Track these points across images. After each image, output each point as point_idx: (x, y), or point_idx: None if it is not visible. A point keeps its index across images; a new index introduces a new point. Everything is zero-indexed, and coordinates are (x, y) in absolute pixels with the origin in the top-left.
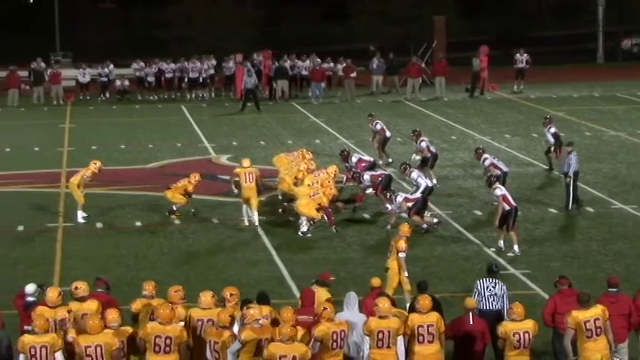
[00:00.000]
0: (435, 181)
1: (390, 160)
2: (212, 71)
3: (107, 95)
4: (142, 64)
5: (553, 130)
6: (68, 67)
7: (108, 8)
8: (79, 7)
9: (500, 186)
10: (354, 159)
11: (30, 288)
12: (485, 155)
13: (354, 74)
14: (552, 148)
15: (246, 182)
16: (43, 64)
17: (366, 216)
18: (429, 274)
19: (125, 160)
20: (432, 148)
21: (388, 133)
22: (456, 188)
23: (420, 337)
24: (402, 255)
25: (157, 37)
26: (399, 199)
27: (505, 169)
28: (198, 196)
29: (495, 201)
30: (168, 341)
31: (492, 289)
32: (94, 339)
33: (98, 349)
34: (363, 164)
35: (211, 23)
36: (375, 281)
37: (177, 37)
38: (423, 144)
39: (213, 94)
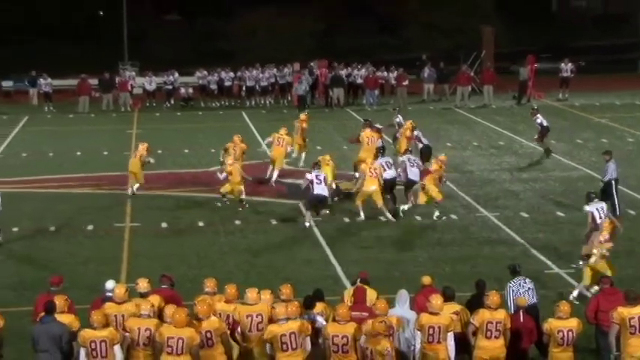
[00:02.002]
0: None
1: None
2: (272, 80)
3: (172, 102)
4: (205, 72)
5: (539, 120)
6: (135, 75)
7: (173, 20)
8: (146, 19)
9: (596, 203)
10: None
11: (109, 284)
12: (403, 158)
13: (406, 82)
14: (536, 136)
15: (276, 145)
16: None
17: (418, 218)
18: (476, 274)
19: (188, 164)
20: (424, 140)
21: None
22: (503, 191)
23: (488, 333)
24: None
25: (220, 48)
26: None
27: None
28: (257, 197)
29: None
30: (208, 335)
31: (524, 284)
32: (177, 332)
33: (180, 341)
34: None
35: (273, 35)
36: (426, 279)
37: (239, 49)
38: (415, 132)
39: (272, 101)
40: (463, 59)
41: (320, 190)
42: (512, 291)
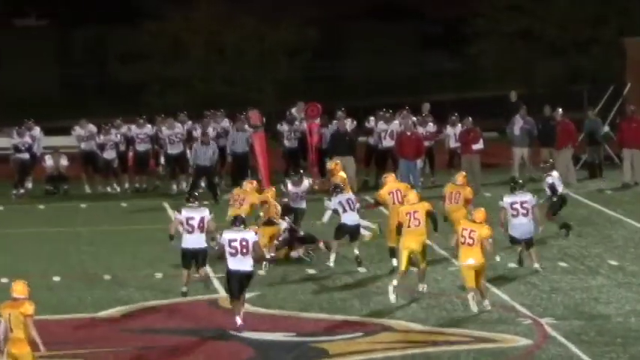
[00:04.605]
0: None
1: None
2: (222, 141)
3: (29, 185)
4: (92, 127)
5: (550, 180)
6: None
7: (30, 26)
8: None
9: None
10: None
11: None
12: None
13: (478, 145)
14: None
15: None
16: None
17: None
18: None
19: (60, 305)
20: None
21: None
22: None
23: None
24: None
25: (121, 77)
26: None
27: None
28: None
29: None
30: None
31: None
32: None
33: None
34: None
35: (221, 55)
36: None
37: (155, 79)
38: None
39: (221, 181)
40: (588, 98)
41: (190, 241)
42: None
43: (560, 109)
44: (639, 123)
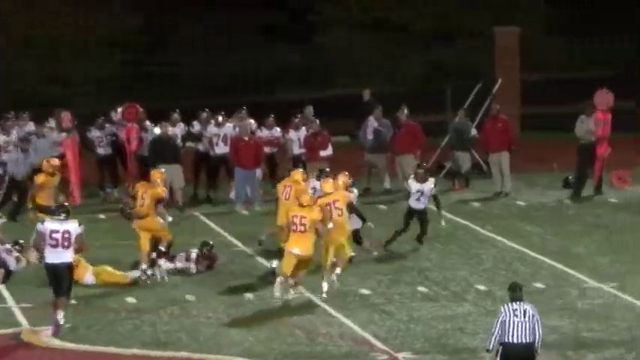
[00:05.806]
0: None
1: None
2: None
3: None
4: None
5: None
6: None
7: None
8: None
9: None
10: None
11: None
12: None
13: (326, 151)
14: None
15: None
16: None
17: None
18: None
19: None
20: None
21: None
22: None
23: None
24: None
25: None
26: None
27: None
28: None
29: None
30: None
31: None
32: None
33: None
34: None
35: (25, 47)
36: None
37: None
38: None
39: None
40: (451, 97)
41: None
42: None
43: (406, 109)
44: (505, 122)
